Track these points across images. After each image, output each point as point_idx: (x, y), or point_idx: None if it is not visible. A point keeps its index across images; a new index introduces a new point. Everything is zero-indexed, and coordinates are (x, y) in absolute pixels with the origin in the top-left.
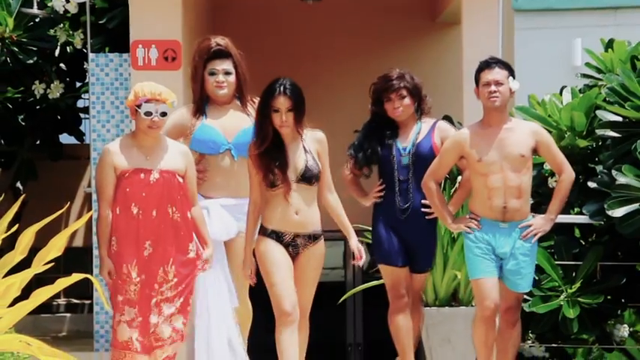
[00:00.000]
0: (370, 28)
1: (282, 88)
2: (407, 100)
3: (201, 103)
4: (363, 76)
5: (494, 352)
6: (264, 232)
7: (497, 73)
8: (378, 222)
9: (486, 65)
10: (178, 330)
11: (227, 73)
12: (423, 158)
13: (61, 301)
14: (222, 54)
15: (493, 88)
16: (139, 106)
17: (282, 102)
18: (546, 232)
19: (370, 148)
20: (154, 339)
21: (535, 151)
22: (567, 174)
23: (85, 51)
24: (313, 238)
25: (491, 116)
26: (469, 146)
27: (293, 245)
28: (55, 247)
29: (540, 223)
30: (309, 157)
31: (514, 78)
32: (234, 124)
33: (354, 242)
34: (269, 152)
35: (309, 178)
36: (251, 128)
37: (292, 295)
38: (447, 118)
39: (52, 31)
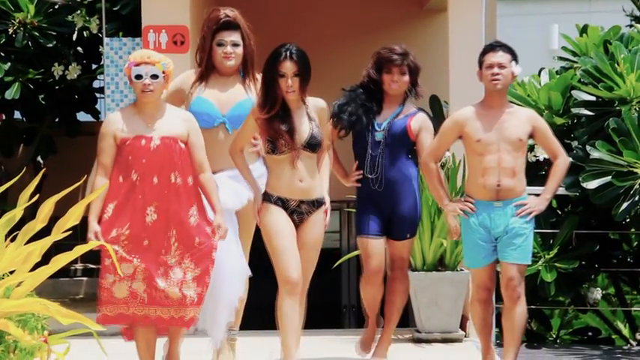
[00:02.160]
0: (359, 16)
1: (288, 53)
2: (405, 78)
3: (206, 71)
4: (351, 63)
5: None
6: (268, 198)
7: (501, 57)
8: (358, 196)
9: (491, 48)
10: (186, 295)
11: (235, 45)
12: (395, 137)
13: (79, 266)
14: (231, 25)
15: (496, 70)
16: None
17: (289, 67)
18: (541, 211)
19: (356, 115)
20: (164, 296)
21: (531, 137)
22: (562, 159)
23: (100, 35)
24: (317, 204)
25: (493, 99)
26: (469, 126)
27: (298, 212)
28: (73, 216)
29: (535, 202)
30: (314, 125)
31: (517, 63)
32: (231, 96)
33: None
34: (277, 116)
35: (313, 145)
36: (247, 101)
37: (297, 263)
38: (435, 98)
39: (69, 17)
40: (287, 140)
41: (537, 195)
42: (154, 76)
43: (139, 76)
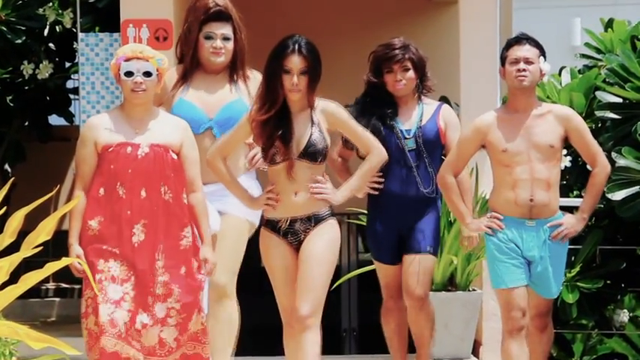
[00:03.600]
0: (363, 7)
1: (296, 46)
2: (410, 74)
3: (191, 69)
4: (356, 57)
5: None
6: (261, 221)
7: (527, 51)
8: (374, 213)
9: (516, 41)
10: (165, 344)
11: (225, 39)
12: (428, 144)
13: (50, 285)
14: (221, 16)
15: (522, 65)
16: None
17: (296, 62)
18: (578, 232)
19: (371, 126)
20: (135, 335)
21: (566, 140)
22: (602, 166)
23: (74, 30)
24: (315, 220)
25: (518, 99)
26: (492, 133)
27: (292, 233)
28: (45, 230)
29: (571, 223)
30: (315, 130)
31: (545, 59)
32: (219, 97)
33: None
34: (273, 122)
35: (312, 154)
36: (237, 102)
37: (289, 295)
38: (444, 99)
39: (40, 10)
40: (280, 148)
41: (566, 208)
42: (147, 74)
43: (129, 73)
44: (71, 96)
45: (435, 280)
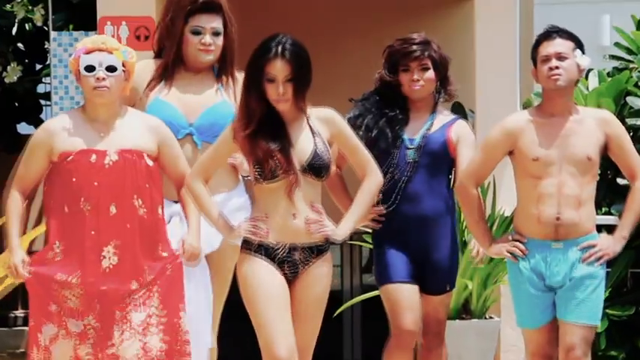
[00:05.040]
0: (372, 5)
1: (280, 49)
2: (429, 74)
3: (173, 67)
4: (361, 57)
5: None
6: (247, 246)
7: (559, 45)
8: (377, 233)
9: (545, 36)
10: (149, 350)
11: (215, 34)
12: (430, 155)
13: (19, 313)
14: (211, 7)
15: (554, 62)
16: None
17: (280, 68)
18: (616, 254)
19: (377, 129)
20: (111, 357)
21: (605, 149)
22: None
23: (46, 29)
24: (317, 250)
25: (554, 102)
26: (524, 138)
27: (289, 262)
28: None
29: (607, 244)
30: (319, 141)
31: (583, 52)
32: (201, 99)
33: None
34: (265, 132)
35: (317, 168)
36: (222, 105)
37: (288, 336)
38: (458, 105)
39: (8, 7)
40: (280, 161)
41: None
42: (111, 68)
43: (90, 68)
44: (42, 101)
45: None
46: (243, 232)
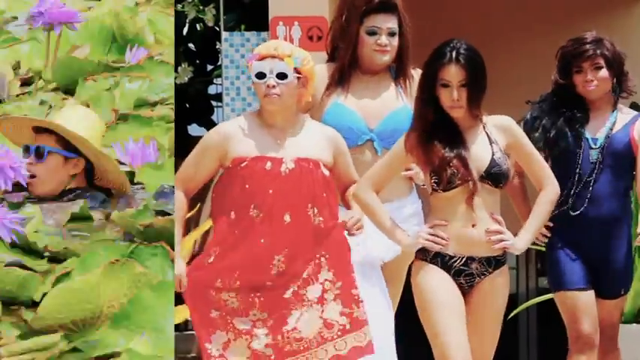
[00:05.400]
0: (547, 6)
1: (454, 54)
2: (603, 73)
3: (349, 70)
4: (541, 59)
5: None
6: (424, 255)
7: None
8: (553, 236)
9: None
10: (331, 324)
11: (391, 34)
12: (614, 156)
13: None
14: (387, 7)
15: None
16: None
17: (454, 73)
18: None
19: (555, 129)
20: (292, 339)
21: None
22: None
23: (217, 29)
24: (495, 262)
25: None
26: None
27: (466, 274)
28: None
29: None
30: (496, 149)
31: None
32: (381, 104)
33: None
34: (440, 139)
35: (496, 176)
36: (402, 110)
37: (464, 347)
38: (635, 106)
39: (179, 7)
40: (458, 168)
41: None
42: (282, 76)
43: (260, 75)
44: (213, 103)
45: (623, 309)
46: (423, 241)
